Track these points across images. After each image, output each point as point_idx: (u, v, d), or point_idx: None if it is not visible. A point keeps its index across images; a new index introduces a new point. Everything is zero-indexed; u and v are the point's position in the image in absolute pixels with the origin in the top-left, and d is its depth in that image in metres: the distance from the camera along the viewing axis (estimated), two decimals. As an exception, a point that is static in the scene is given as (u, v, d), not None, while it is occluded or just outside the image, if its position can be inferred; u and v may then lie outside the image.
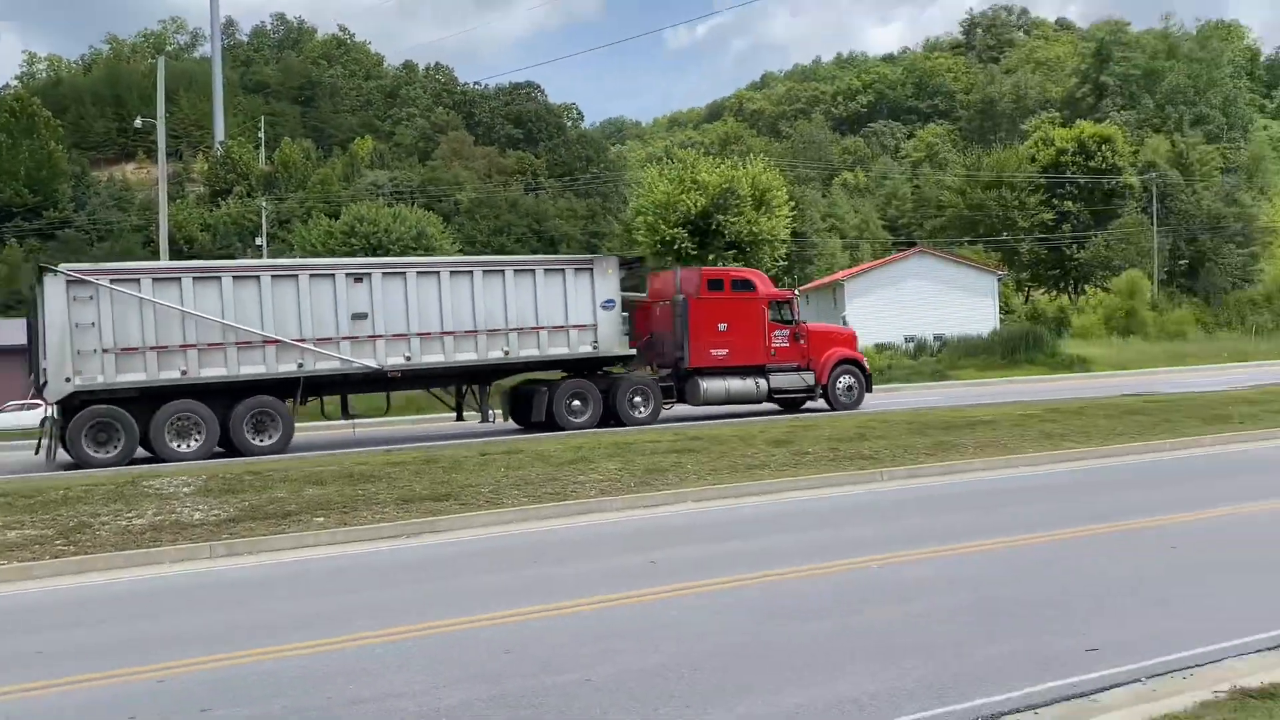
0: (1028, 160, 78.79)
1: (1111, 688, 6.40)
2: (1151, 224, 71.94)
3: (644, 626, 7.89)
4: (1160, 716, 5.75)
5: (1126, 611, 8.01)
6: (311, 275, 19.59)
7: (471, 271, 20.68)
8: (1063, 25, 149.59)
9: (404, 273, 20.22)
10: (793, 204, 49.33)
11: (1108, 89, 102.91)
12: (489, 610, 8.47)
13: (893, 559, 9.91)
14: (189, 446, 18.70)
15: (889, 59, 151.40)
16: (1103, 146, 77.51)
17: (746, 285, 23.93)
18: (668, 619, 8.05)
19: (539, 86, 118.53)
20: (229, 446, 19.01)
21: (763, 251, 43.47)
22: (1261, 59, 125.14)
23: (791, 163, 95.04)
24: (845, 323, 38.57)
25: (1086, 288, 74.79)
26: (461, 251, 62.92)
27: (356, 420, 21.82)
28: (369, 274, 19.96)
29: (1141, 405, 21.80)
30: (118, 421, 18.38)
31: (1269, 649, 7.02)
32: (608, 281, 21.76)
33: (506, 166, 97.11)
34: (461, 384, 22.09)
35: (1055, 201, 76.13)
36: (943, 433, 18.60)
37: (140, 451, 18.82)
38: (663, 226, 44.72)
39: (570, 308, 21.37)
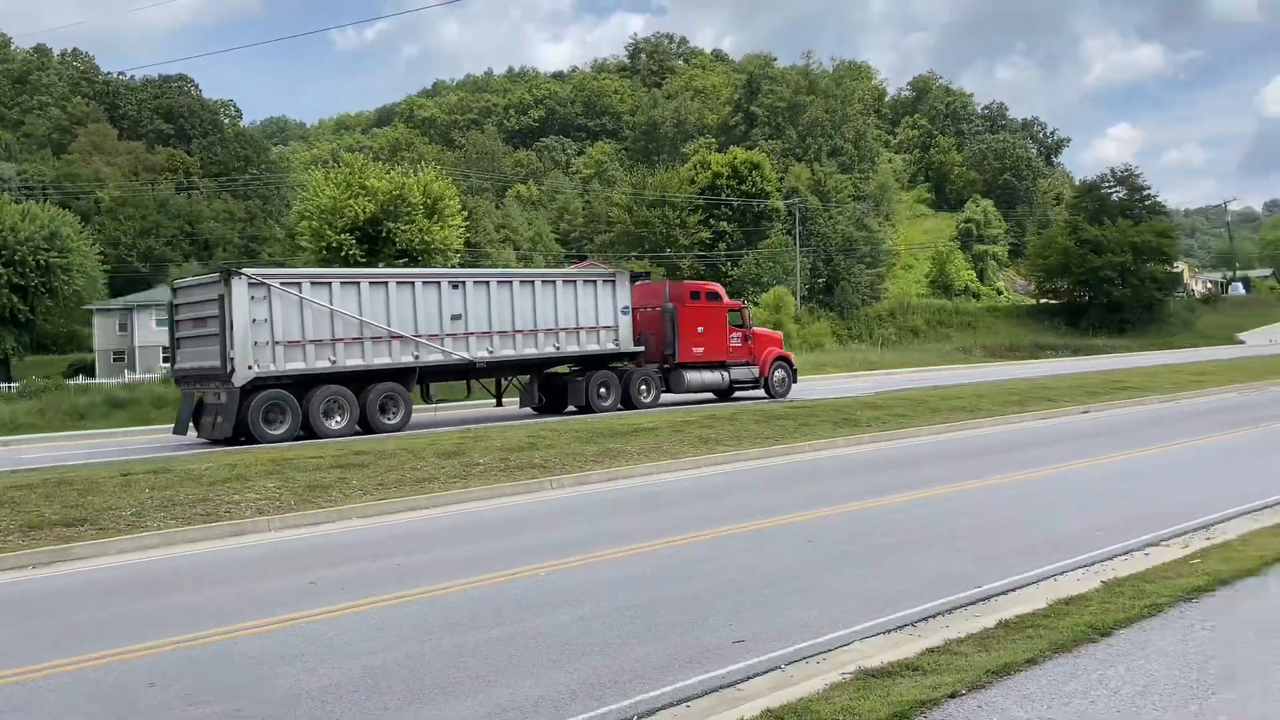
0: (688, 182, 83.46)
1: (754, 676, 6.79)
2: (795, 245, 78.53)
3: (303, 649, 7.69)
4: (795, 700, 6.13)
5: (771, 603, 8.55)
6: (424, 282, 24.15)
7: (533, 281, 26.00)
8: (718, 56, 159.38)
9: (487, 281, 25.24)
10: (466, 214, 48.89)
11: (757, 119, 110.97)
12: (126, 644, 7.97)
13: (561, 565, 10.11)
14: (336, 424, 22.63)
15: (559, 76, 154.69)
16: (753, 172, 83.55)
17: (715, 296, 30.13)
18: (328, 640, 7.89)
19: (192, 80, 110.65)
20: (364, 425, 22.89)
21: (435, 261, 42.85)
22: (887, 98, 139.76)
23: (465, 172, 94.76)
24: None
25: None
26: (104, 253, 62.99)
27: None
28: (463, 282, 24.84)
29: (785, 411, 23.61)
30: (286, 403, 22.20)
31: (891, 630, 7.76)
32: (625, 291, 27.58)
33: (155, 163, 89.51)
34: (523, 374, 27.06)
35: (712, 221, 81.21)
36: (609, 440, 19.21)
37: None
38: (329, 232, 42.88)
39: (599, 312, 26.96)
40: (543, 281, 26.35)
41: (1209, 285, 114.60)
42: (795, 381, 31.38)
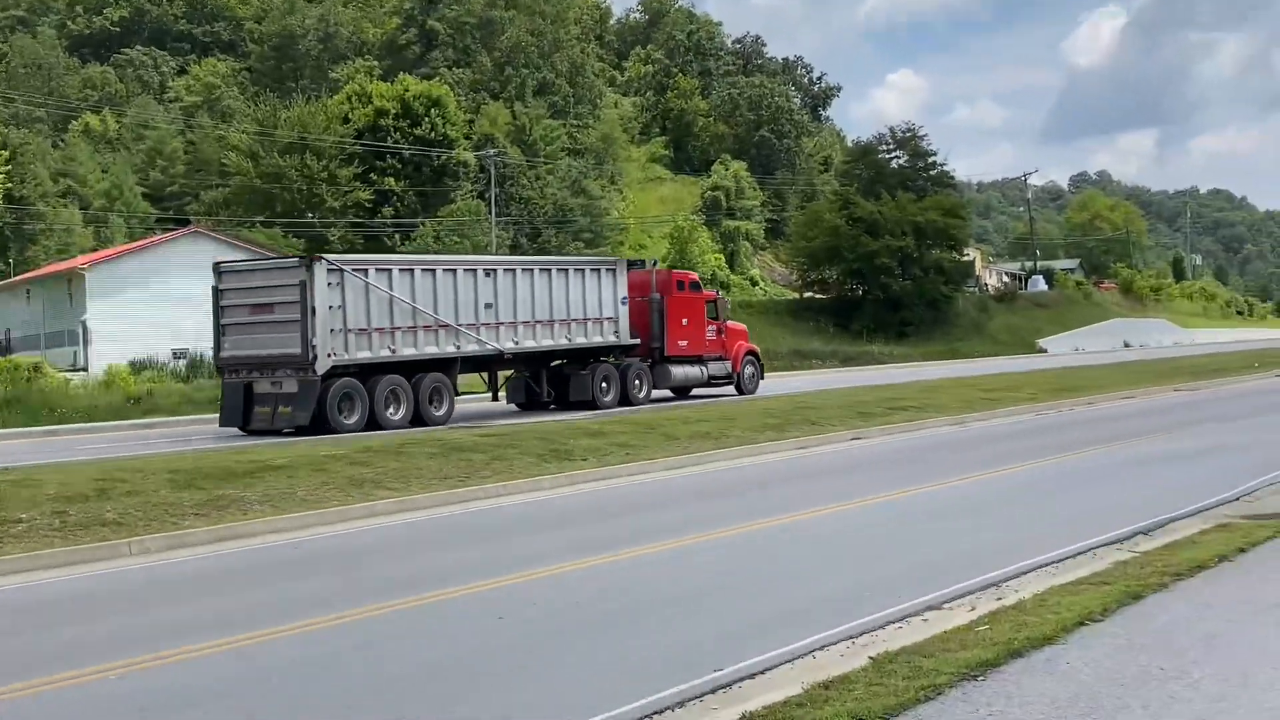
0: (339, 120, 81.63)
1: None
2: (489, 213, 78.08)
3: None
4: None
5: (439, 708, 8.65)
6: (464, 269, 31.97)
7: (550, 270, 34.21)
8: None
9: (514, 269, 33.40)
10: (7, 154, 45.76)
11: (438, 37, 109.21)
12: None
13: (139, 664, 9.98)
14: (395, 415, 29.86)
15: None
16: (432, 110, 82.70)
17: (696, 286, 39.53)
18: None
19: None
20: (415, 417, 30.01)
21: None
22: (612, 20, 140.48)
23: (7, 94, 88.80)
24: (85, 328, 37.09)
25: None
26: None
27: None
28: (495, 269, 32.94)
29: (474, 442, 23.95)
30: (355, 393, 29.22)
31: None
32: (624, 280, 35.79)
33: None
34: (535, 366, 35.02)
35: (375, 177, 79.62)
36: (220, 484, 18.72)
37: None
38: None
39: (603, 303, 35.04)
40: (558, 270, 35.08)
41: (1005, 279, 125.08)
42: (763, 377, 41.56)
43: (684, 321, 38.33)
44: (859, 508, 17.72)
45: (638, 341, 36.64)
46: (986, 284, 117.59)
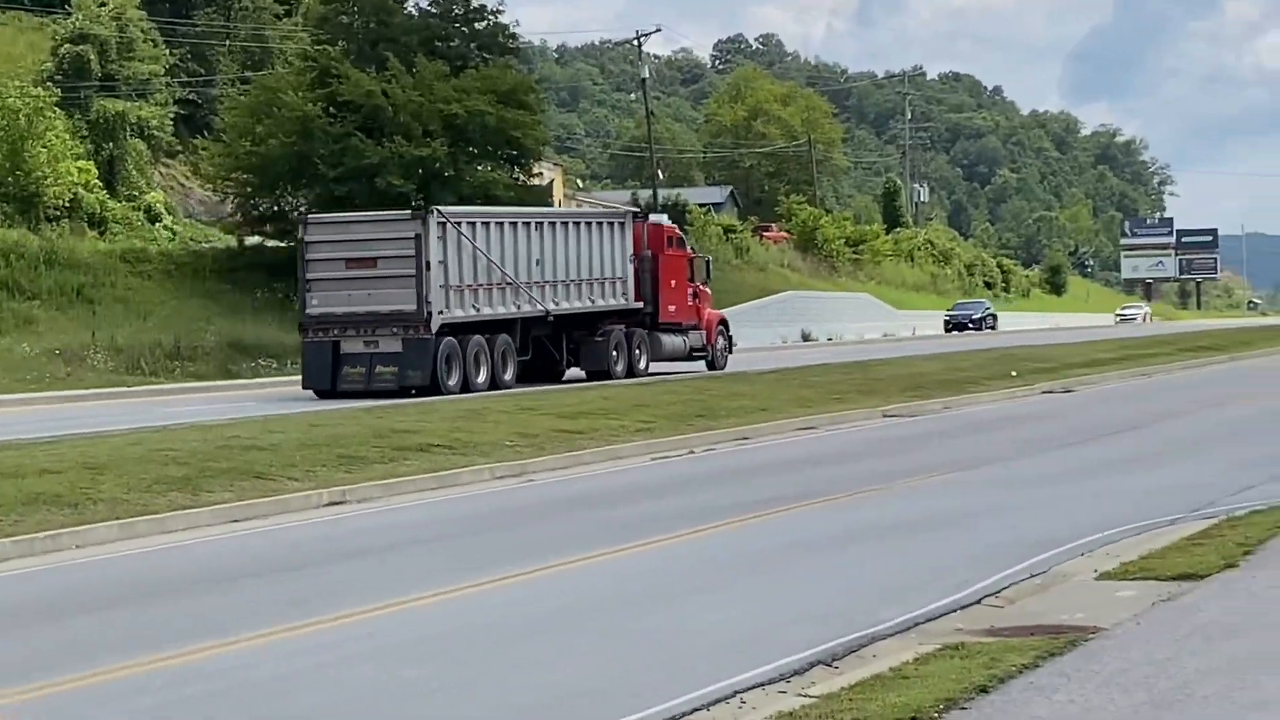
0: None
1: None
2: None
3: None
4: None
5: None
6: (523, 222, 52.86)
7: (581, 223, 55.37)
8: None
9: (555, 222, 54.59)
10: None
11: None
12: None
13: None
14: (480, 377, 48.42)
15: None
16: None
17: (681, 243, 58.15)
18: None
19: None
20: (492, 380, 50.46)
21: None
22: None
23: None
24: None
25: None
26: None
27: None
28: (543, 222, 54.33)
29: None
30: (454, 353, 47.63)
31: None
32: (630, 235, 55.24)
33: None
34: (561, 331, 54.40)
35: None
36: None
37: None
38: None
39: (617, 262, 54.27)
40: (575, 223, 54.16)
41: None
42: (731, 351, 60.64)
43: (673, 284, 55.68)
44: (396, 611, 17.95)
45: (642, 305, 55.25)
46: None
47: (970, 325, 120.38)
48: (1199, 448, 37.10)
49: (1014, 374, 58.49)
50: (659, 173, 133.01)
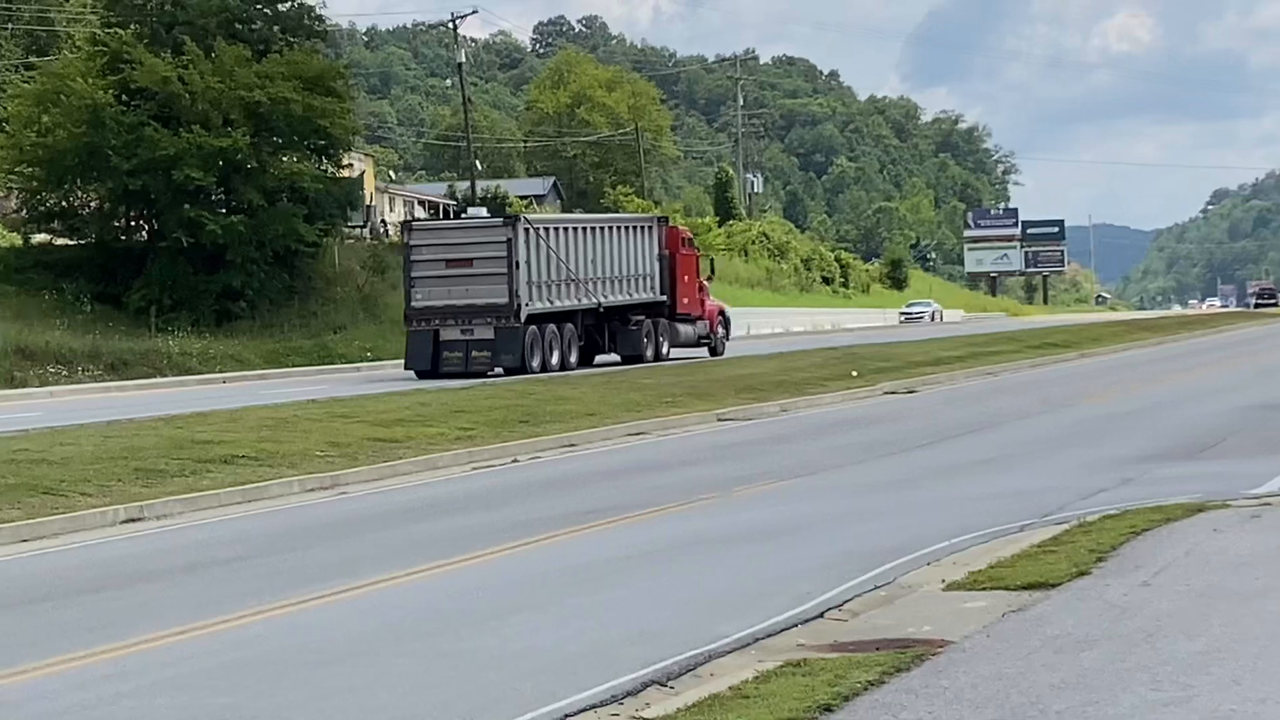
0: None
1: None
2: None
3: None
4: None
5: None
6: (586, 228, 70.66)
7: (622, 227, 73.37)
8: None
9: (602, 227, 72.21)
10: None
11: None
12: None
13: None
14: (553, 359, 63.88)
15: None
16: None
17: (691, 243, 76.39)
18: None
19: None
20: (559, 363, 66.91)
21: None
22: None
23: None
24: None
25: None
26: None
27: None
28: (598, 227, 72.34)
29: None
30: (536, 339, 63.09)
31: None
32: (658, 236, 72.24)
33: None
34: (603, 321, 69.80)
35: None
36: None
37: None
38: None
39: (649, 259, 70.75)
40: (627, 227, 70.70)
41: (421, 213, 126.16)
42: (729, 339, 78.10)
43: (685, 280, 71.25)
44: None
45: (665, 298, 70.03)
46: (385, 221, 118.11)
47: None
48: (1048, 450, 37.62)
49: (855, 374, 59.16)
50: (477, 163, 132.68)
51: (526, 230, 62.46)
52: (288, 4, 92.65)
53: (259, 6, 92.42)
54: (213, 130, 79.58)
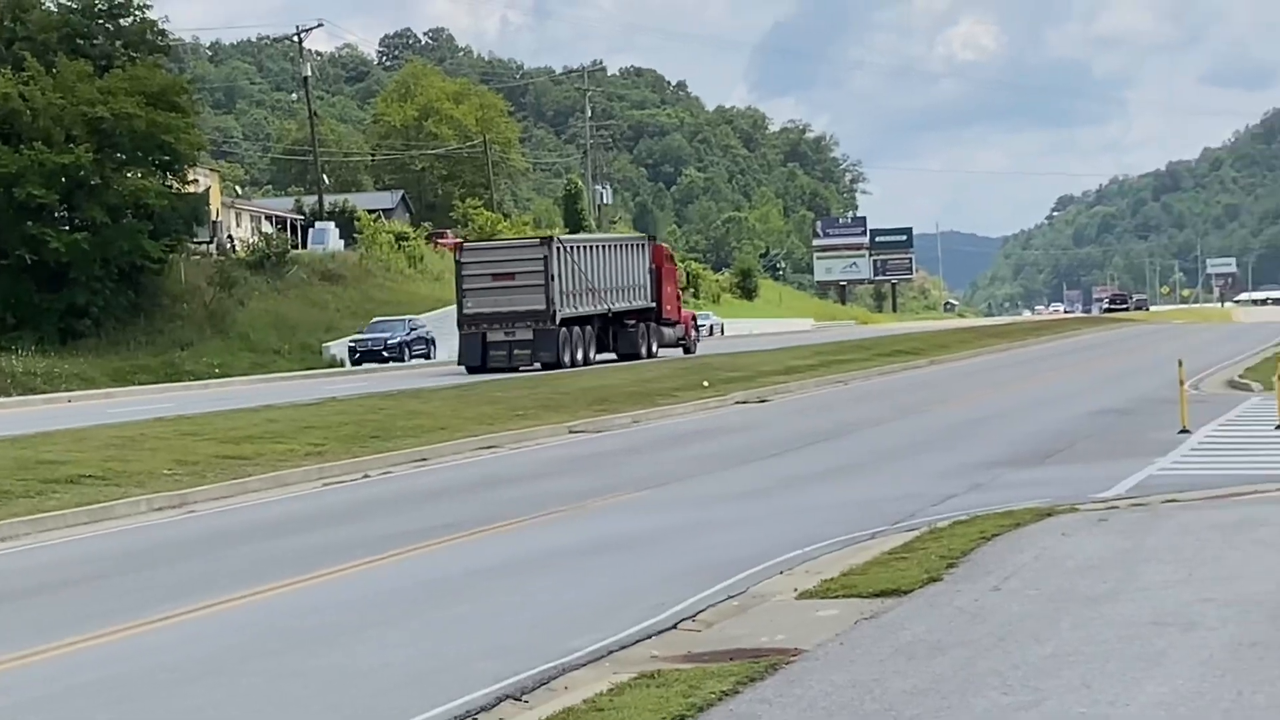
0: None
1: None
2: None
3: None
4: None
5: None
6: (602, 246, 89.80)
7: (621, 245, 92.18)
8: None
9: (608, 245, 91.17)
10: None
11: None
12: None
13: None
14: (580, 356, 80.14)
15: None
16: None
17: (672, 259, 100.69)
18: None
19: None
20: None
21: None
22: None
23: None
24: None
25: None
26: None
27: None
28: (608, 245, 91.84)
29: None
30: (566, 340, 79.61)
31: None
32: (650, 252, 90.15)
33: None
34: (607, 325, 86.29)
35: None
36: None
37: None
38: None
39: (642, 272, 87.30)
40: (624, 245, 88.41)
41: (266, 230, 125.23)
42: (700, 340, 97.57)
43: (668, 289, 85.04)
44: None
45: (655, 305, 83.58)
46: (232, 237, 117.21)
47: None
48: (899, 457, 37.88)
49: (706, 384, 59.45)
50: (324, 177, 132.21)
51: (559, 249, 76.39)
52: (130, 19, 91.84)
53: (101, 22, 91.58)
54: (55, 147, 78.87)
